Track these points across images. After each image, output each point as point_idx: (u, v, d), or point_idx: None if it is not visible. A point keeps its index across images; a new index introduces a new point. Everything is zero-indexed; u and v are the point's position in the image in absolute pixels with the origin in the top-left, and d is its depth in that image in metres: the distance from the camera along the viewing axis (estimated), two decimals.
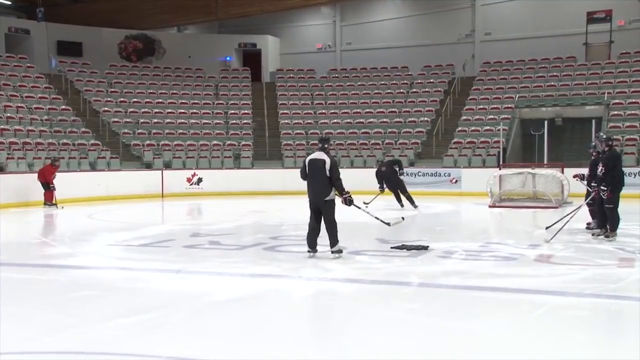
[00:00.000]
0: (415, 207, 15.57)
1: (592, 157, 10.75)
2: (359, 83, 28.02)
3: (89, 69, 27.56)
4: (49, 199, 16.97)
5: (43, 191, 17.01)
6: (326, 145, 8.89)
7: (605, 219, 10.15)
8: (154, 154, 23.27)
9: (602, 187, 9.86)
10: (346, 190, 8.67)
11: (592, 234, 10.41)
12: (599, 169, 9.99)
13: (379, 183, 16.29)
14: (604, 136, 10.44)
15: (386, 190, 16.29)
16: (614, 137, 15.05)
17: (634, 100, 22.75)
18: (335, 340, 5.38)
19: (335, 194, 8.66)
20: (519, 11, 27.88)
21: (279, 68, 30.47)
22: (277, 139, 25.36)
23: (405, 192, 16.00)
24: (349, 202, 8.76)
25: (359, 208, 9.15)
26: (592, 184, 10.38)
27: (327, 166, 8.53)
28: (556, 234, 9.87)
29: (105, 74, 27.61)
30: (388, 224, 9.63)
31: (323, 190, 8.56)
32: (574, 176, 11.63)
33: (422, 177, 21.52)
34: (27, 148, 20.92)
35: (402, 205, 15.81)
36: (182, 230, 12.64)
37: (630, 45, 25.29)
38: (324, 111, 26.81)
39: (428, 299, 6.69)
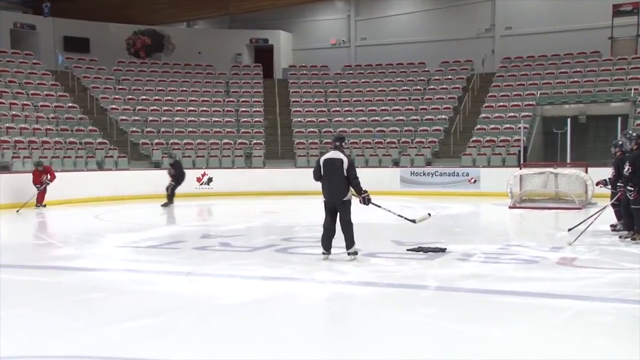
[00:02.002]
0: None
1: (617, 156, 10.65)
2: (374, 80, 27.99)
3: (96, 66, 27.73)
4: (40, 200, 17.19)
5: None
6: (342, 144, 8.88)
7: (632, 220, 10.08)
8: (162, 153, 23.35)
9: (628, 188, 9.80)
10: (364, 189, 8.68)
11: (620, 237, 10.33)
12: (626, 168, 9.92)
13: None
14: (634, 134, 10.34)
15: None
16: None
17: None
18: (348, 344, 5.38)
19: (353, 194, 8.67)
20: (541, 4, 27.73)
21: (291, 64, 30.50)
22: (289, 137, 25.40)
23: None
24: (367, 201, 8.76)
25: (379, 207, 9.12)
26: (618, 184, 10.31)
27: (345, 165, 8.56)
28: (579, 236, 9.82)
29: (113, 71, 27.76)
30: (413, 220, 9.46)
31: (340, 191, 8.57)
32: (597, 183, 11.69)
33: (439, 176, 21.48)
34: (33, 147, 21.09)
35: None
36: (192, 231, 12.69)
37: None
38: (337, 109, 26.81)
39: (445, 303, 6.67)
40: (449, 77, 27.22)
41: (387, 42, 29.99)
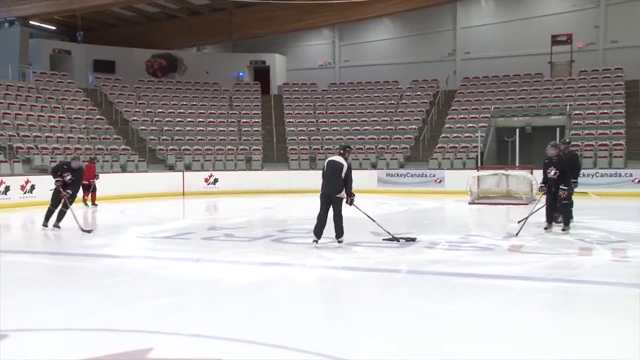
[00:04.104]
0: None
1: (545, 161, 10.47)
2: (356, 95, 28.00)
3: (120, 84, 27.62)
4: (94, 197, 16.38)
5: (84, 191, 16.12)
6: (346, 152, 8.94)
7: (552, 213, 10.14)
8: (176, 157, 23.29)
9: (561, 187, 9.84)
10: (353, 193, 8.78)
11: (544, 228, 10.23)
12: (552, 172, 9.96)
13: None
14: (567, 139, 10.40)
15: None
16: (573, 142, 15.06)
17: (591, 112, 22.80)
18: (335, 319, 5.40)
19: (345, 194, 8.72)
20: (494, 33, 27.87)
21: (285, 82, 30.46)
22: (283, 144, 25.37)
23: None
24: (351, 202, 8.82)
25: (359, 209, 9.17)
26: (540, 185, 10.39)
27: (344, 169, 8.64)
28: (521, 228, 9.78)
29: (135, 88, 27.64)
30: (397, 239, 9.15)
31: (336, 187, 8.65)
32: (540, 189, 11.24)
33: (410, 177, 21.54)
34: (67, 153, 20.92)
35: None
36: (200, 224, 12.65)
37: (588, 64, 25.39)
38: (324, 120, 26.81)
39: (416, 284, 6.70)
40: (418, 93, 27.27)
41: (366, 64, 30.02)
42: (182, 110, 26.72)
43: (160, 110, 26.48)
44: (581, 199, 12.86)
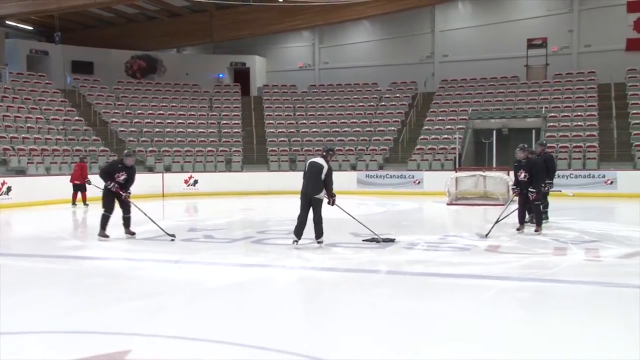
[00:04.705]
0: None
1: (515, 164, 10.51)
2: (335, 97, 28.04)
3: (99, 85, 27.32)
4: (84, 197, 16.27)
5: (74, 192, 16.16)
6: (328, 154, 8.95)
7: (523, 215, 10.25)
8: (155, 158, 23.10)
9: (530, 190, 9.94)
10: (334, 194, 8.80)
11: (517, 229, 10.28)
12: (522, 175, 10.07)
13: None
14: (544, 141, 10.47)
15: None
16: (548, 144, 15.25)
17: (566, 114, 23.12)
18: (315, 320, 5.39)
19: (325, 196, 8.72)
20: (471, 37, 28.11)
21: (265, 84, 30.38)
22: (263, 145, 25.30)
23: None
24: (333, 202, 8.84)
25: (342, 209, 9.19)
26: (512, 187, 10.51)
27: (324, 171, 8.67)
28: (491, 230, 9.83)
29: (114, 89, 27.37)
30: (379, 241, 9.17)
31: (315, 188, 8.66)
32: (513, 191, 11.10)
33: (389, 178, 21.61)
34: (44, 154, 20.65)
35: None
36: (180, 225, 12.53)
37: (563, 68, 25.76)
38: (304, 121, 26.80)
39: (395, 284, 6.72)
40: (397, 95, 27.40)
41: (346, 66, 30.08)
42: (161, 112, 26.51)
43: (140, 111, 26.24)
44: (556, 200, 13.03)
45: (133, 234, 10.18)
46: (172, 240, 9.68)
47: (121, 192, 9.95)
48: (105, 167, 10.22)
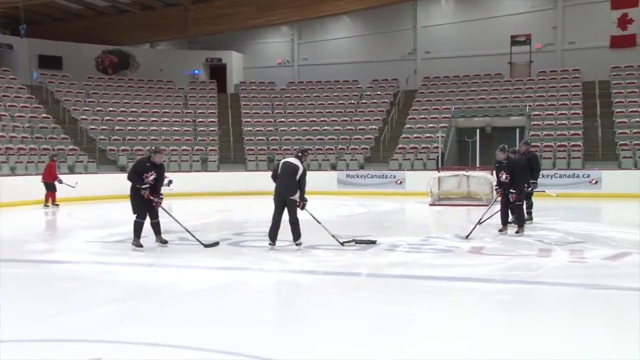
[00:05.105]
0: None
1: (496, 165, 10.58)
2: (315, 95, 28.05)
3: (68, 81, 26.96)
4: (54, 198, 16.28)
5: (46, 192, 16.25)
6: (303, 155, 9.01)
7: (507, 216, 10.34)
8: (128, 158, 22.84)
9: (510, 191, 10.04)
10: (305, 197, 8.79)
11: (499, 230, 10.34)
12: (504, 176, 10.18)
13: None
14: (528, 140, 10.56)
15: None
16: (532, 143, 15.44)
17: (550, 113, 23.43)
18: (294, 324, 5.39)
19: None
20: (454, 33, 28.34)
21: (242, 81, 30.29)
22: (240, 144, 25.22)
23: None
24: (303, 207, 8.82)
25: (312, 215, 9.19)
26: (496, 187, 10.62)
27: (300, 172, 8.66)
28: (472, 231, 9.88)
29: (83, 86, 27.04)
30: (342, 243, 9.18)
31: (290, 189, 8.66)
32: (496, 192, 11.07)
33: (371, 178, 21.69)
34: (9, 153, 20.31)
35: None
36: None
37: (547, 65, 26.09)
38: (283, 120, 26.77)
39: (376, 287, 6.75)
40: (379, 93, 27.51)
41: (326, 62, 30.11)
42: (134, 109, 26.26)
43: (111, 108, 25.97)
44: (541, 200, 13.20)
45: (165, 242, 9.32)
46: (214, 245, 9.13)
47: (152, 198, 9.04)
48: (134, 167, 9.22)
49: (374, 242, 9.35)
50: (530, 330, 5.04)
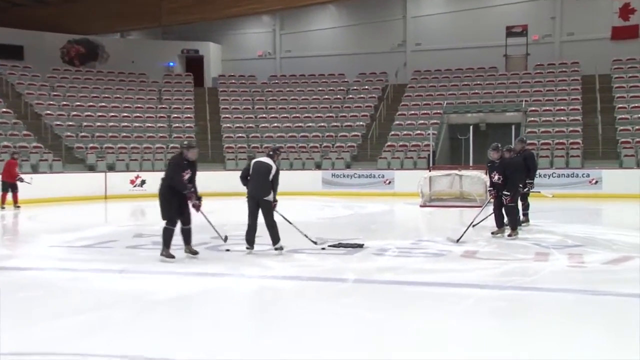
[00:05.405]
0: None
1: (488, 165, 10.69)
2: (298, 89, 28.08)
3: (30, 73, 26.75)
4: (16, 199, 16.15)
5: (2, 192, 16.17)
6: (275, 154, 9.02)
7: (502, 219, 10.41)
8: (97, 156, 22.72)
9: (504, 193, 10.12)
10: (276, 198, 8.79)
11: (492, 233, 10.43)
12: (496, 177, 10.26)
13: None
14: (524, 137, 10.61)
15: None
16: (529, 141, 15.54)
17: (547, 108, 23.66)
18: (276, 334, 5.38)
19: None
20: (446, 24, 28.52)
21: (221, 74, 30.22)
22: (219, 142, 25.15)
23: None
24: (273, 207, 8.82)
25: (283, 217, 9.20)
26: (489, 189, 10.70)
27: (272, 172, 8.67)
28: (463, 235, 9.92)
29: (48, 78, 26.83)
30: (315, 242, 9.37)
31: (263, 190, 8.66)
32: (490, 193, 10.89)
33: (358, 178, 21.74)
34: None
35: None
36: (125, 231, 12.37)
37: (544, 58, 26.35)
38: (264, 115, 26.74)
39: (363, 294, 6.76)
40: (366, 87, 27.60)
41: (310, 55, 30.15)
42: (104, 104, 26.09)
43: (79, 103, 25.77)
44: (538, 201, 13.31)
45: (196, 253, 8.70)
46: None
47: (194, 202, 8.47)
48: (174, 167, 8.45)
49: (361, 246, 9.36)
50: (526, 339, 5.09)
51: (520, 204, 11.37)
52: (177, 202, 8.39)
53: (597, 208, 17.10)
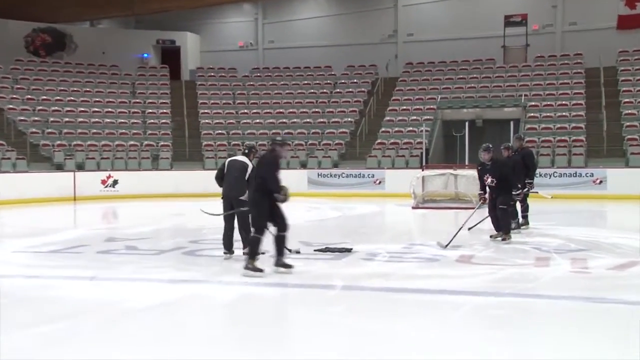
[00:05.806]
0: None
1: (479, 167, 10.78)
2: (282, 82, 28.07)
3: None
4: None
5: None
6: (251, 152, 9.00)
7: (498, 221, 10.45)
8: (65, 154, 22.59)
9: (513, 193, 10.18)
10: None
11: (490, 236, 10.48)
12: (489, 180, 10.33)
13: None
14: (522, 135, 10.67)
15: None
16: (528, 138, 15.63)
17: (548, 103, 23.79)
18: (256, 344, 5.38)
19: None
20: (440, 13, 28.64)
21: (199, 66, 30.16)
22: (197, 139, 25.10)
23: None
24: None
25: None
26: (479, 192, 10.80)
27: (249, 170, 8.66)
28: (452, 240, 9.88)
29: (10, 69, 26.65)
30: (290, 250, 8.92)
31: (237, 189, 8.66)
32: (480, 199, 11.03)
33: (346, 178, 21.77)
34: None
35: None
36: (95, 234, 12.31)
37: (545, 49, 26.51)
38: (246, 111, 26.71)
39: (352, 302, 6.77)
40: (355, 80, 27.65)
41: (294, 46, 30.16)
42: (72, 98, 25.94)
43: (45, 97, 25.61)
44: (538, 203, 13.40)
45: (290, 267, 7.95)
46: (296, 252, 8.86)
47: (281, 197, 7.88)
48: (271, 167, 7.93)
49: (349, 250, 9.38)
50: (525, 349, 5.12)
51: (519, 205, 11.47)
52: (269, 206, 7.83)
53: (602, 210, 17.24)
